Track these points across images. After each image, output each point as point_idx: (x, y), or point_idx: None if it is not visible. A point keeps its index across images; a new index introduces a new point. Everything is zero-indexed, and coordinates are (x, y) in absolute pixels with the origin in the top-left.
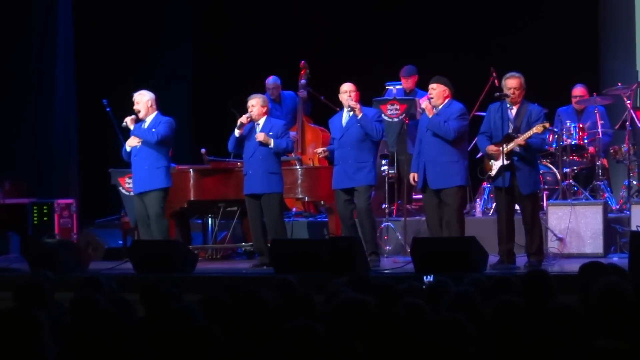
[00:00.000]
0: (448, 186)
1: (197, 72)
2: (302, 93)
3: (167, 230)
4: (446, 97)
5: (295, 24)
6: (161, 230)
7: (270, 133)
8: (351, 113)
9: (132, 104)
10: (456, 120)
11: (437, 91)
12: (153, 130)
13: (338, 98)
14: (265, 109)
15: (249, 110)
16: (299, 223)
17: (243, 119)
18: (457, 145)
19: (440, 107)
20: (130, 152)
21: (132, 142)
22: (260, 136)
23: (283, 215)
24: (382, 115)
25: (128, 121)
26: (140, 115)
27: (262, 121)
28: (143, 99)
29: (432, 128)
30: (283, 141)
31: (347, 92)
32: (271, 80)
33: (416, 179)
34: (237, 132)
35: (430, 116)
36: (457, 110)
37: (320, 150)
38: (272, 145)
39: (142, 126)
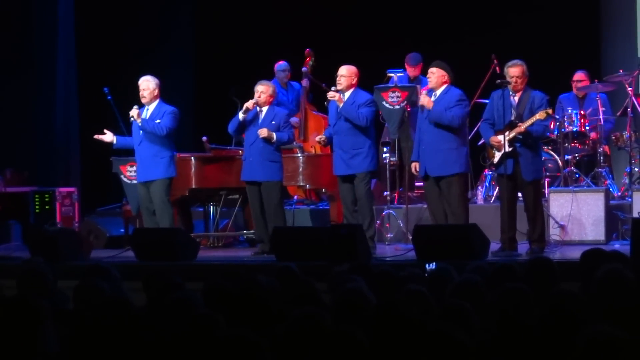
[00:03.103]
0: (447, 174)
1: (198, 59)
2: (305, 82)
3: (173, 217)
4: (444, 83)
5: (297, 11)
6: (167, 218)
7: (273, 122)
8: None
9: (134, 91)
10: (457, 107)
11: (437, 75)
12: (158, 121)
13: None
14: (272, 98)
15: (257, 95)
16: (302, 211)
17: (249, 104)
18: (456, 131)
19: (438, 93)
20: (134, 138)
21: (133, 112)
22: (263, 132)
23: (283, 203)
24: (384, 102)
25: (135, 115)
26: (144, 101)
27: (265, 109)
28: (150, 86)
29: (434, 119)
30: (285, 134)
31: (337, 76)
32: (282, 65)
33: (417, 168)
34: (241, 116)
35: (430, 107)
36: (456, 96)
37: (317, 138)
38: (274, 140)
39: (144, 114)
